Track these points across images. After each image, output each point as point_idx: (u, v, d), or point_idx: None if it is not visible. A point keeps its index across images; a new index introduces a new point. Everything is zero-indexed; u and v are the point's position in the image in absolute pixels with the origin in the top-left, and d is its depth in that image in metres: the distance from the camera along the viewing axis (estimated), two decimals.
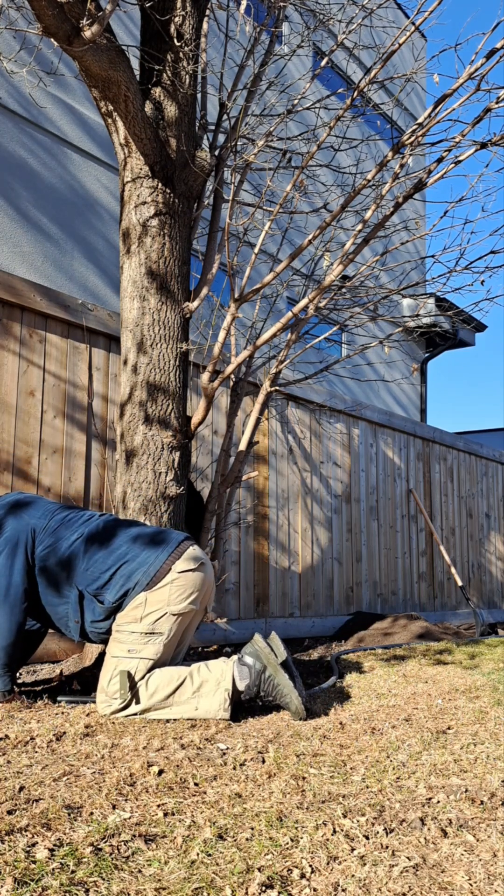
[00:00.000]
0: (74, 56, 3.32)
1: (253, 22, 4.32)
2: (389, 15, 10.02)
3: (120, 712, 2.70)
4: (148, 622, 2.75)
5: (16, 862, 1.42)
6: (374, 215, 4.35)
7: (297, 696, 2.72)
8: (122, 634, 2.76)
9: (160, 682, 2.71)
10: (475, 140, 3.60)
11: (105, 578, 2.80)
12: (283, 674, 2.72)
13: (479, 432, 19.81)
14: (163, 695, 2.70)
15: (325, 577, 6.07)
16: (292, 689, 2.72)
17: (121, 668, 2.71)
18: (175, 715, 2.71)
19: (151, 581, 2.77)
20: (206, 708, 2.69)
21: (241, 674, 2.71)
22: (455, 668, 4.12)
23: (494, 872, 1.49)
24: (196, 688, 2.70)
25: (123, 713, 2.70)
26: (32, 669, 3.60)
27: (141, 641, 2.73)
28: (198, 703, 2.69)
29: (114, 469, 4.11)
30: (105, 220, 7.49)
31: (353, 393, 10.47)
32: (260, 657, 2.74)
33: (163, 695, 2.70)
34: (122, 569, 2.80)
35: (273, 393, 4.80)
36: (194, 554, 2.87)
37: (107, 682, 2.73)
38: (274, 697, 2.74)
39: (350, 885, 1.41)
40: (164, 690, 2.70)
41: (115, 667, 2.73)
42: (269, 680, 2.72)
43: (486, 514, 8.82)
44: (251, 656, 2.75)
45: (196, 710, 2.69)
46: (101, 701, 2.74)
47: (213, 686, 2.70)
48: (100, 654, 3.70)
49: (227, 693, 2.68)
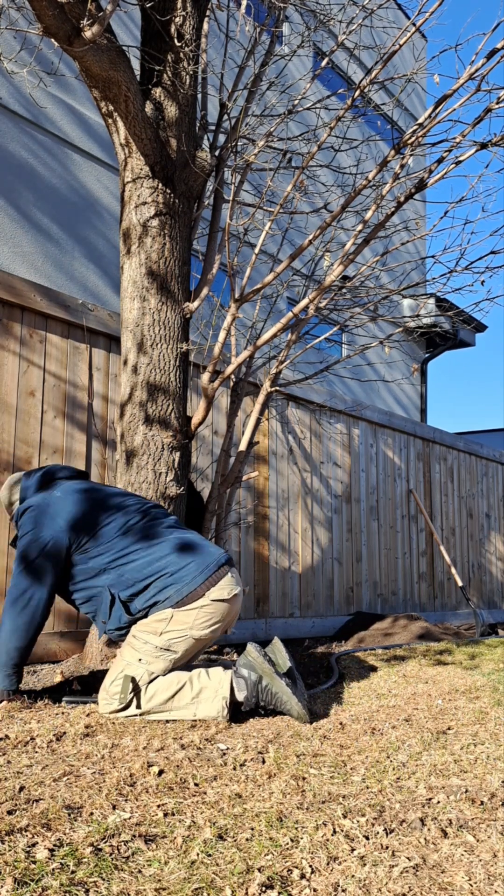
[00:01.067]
0: (75, 56, 3.33)
1: (253, 22, 4.32)
2: (390, 15, 10.03)
3: (119, 712, 2.71)
4: (166, 638, 2.74)
5: (16, 862, 1.42)
6: (374, 216, 4.35)
7: (298, 702, 2.71)
8: (137, 642, 2.76)
9: (160, 686, 2.71)
10: (475, 140, 3.61)
11: (139, 588, 2.79)
12: (279, 681, 2.71)
13: (480, 432, 19.82)
14: (162, 699, 2.70)
15: (325, 578, 6.07)
16: (291, 696, 2.71)
17: (127, 672, 2.71)
18: (174, 717, 2.71)
19: (182, 601, 2.75)
20: (204, 714, 2.70)
21: (238, 685, 2.70)
22: (455, 668, 4.12)
23: (494, 873, 1.49)
24: (195, 693, 2.70)
25: (123, 714, 2.70)
26: (32, 669, 3.60)
27: (154, 654, 2.73)
28: (196, 708, 2.69)
29: (114, 469, 4.11)
30: (106, 220, 7.49)
31: (354, 393, 10.47)
32: (255, 668, 2.73)
33: (162, 699, 2.70)
34: (158, 581, 2.78)
35: (273, 393, 4.80)
36: (230, 583, 2.84)
37: (110, 682, 2.73)
38: (275, 706, 2.74)
39: (350, 886, 1.41)
40: (164, 694, 2.70)
41: (121, 670, 2.73)
42: (267, 689, 2.71)
43: (486, 515, 8.82)
44: (246, 667, 2.74)
45: (194, 715, 2.69)
46: (102, 698, 2.74)
47: (212, 693, 2.70)
48: (102, 656, 3.70)
49: (224, 701, 2.68)
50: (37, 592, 2.77)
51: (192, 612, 2.75)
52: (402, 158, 3.72)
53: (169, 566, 2.79)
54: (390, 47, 3.56)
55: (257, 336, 4.21)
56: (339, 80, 10.32)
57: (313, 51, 8.60)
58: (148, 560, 2.81)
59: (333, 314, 5.22)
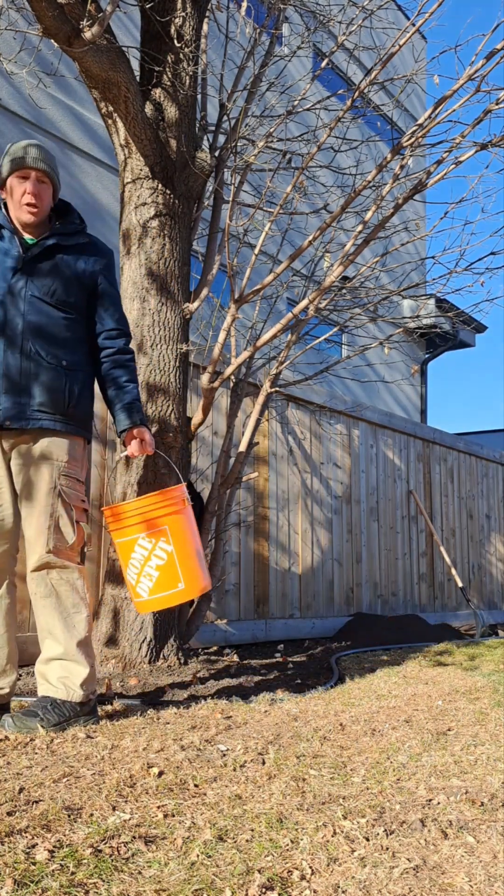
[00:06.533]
0: (75, 57, 3.33)
1: (253, 23, 4.32)
2: (389, 16, 10.03)
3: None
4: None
5: (16, 863, 1.42)
6: (374, 216, 4.35)
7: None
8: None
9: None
10: (475, 141, 3.61)
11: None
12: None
13: (480, 433, 19.82)
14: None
15: (325, 578, 6.06)
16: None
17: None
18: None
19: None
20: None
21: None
22: (455, 669, 4.11)
23: (495, 874, 1.48)
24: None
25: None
26: (32, 671, 3.60)
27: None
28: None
29: (114, 470, 4.11)
30: (106, 220, 7.49)
31: (354, 394, 10.47)
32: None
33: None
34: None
35: (273, 394, 4.80)
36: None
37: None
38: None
39: (350, 887, 1.41)
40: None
41: None
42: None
43: (486, 515, 8.81)
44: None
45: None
46: None
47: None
48: (102, 657, 3.70)
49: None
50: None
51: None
52: (402, 159, 3.72)
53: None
54: (390, 48, 3.56)
55: (257, 337, 4.21)
56: (338, 81, 10.32)
57: (313, 51, 8.61)
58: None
59: (333, 315, 5.22)
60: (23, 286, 2.58)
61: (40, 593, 2.57)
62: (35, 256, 2.61)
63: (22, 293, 2.57)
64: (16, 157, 2.62)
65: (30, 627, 3.76)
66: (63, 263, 2.66)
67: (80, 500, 2.66)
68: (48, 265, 2.63)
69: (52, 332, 2.61)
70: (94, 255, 2.75)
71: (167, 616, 3.78)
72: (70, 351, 2.66)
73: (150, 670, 3.62)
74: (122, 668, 3.64)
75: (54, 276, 2.63)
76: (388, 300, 4.92)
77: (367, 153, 5.24)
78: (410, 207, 9.53)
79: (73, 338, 2.67)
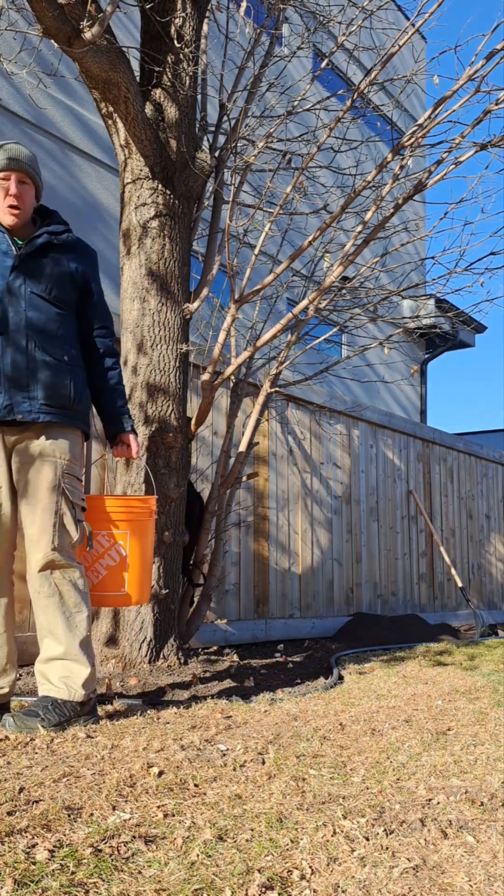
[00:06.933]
0: (75, 57, 3.33)
1: (253, 23, 4.33)
2: (389, 17, 10.04)
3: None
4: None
5: (16, 863, 1.42)
6: (374, 216, 4.35)
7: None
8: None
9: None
10: (475, 141, 3.61)
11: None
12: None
13: (480, 433, 19.82)
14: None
15: (325, 578, 6.06)
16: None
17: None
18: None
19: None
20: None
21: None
22: (455, 669, 4.12)
23: (494, 874, 1.49)
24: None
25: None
26: (32, 671, 3.60)
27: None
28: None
29: (114, 470, 4.11)
30: (106, 221, 7.49)
31: (354, 394, 10.47)
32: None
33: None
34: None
35: (273, 394, 4.80)
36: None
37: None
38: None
39: (350, 887, 1.41)
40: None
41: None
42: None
43: (486, 516, 8.81)
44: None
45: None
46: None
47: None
48: (102, 657, 3.70)
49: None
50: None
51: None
52: (402, 159, 3.72)
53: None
54: (390, 48, 3.56)
55: (257, 337, 4.21)
56: (338, 81, 10.32)
57: (313, 52, 8.61)
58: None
59: (333, 315, 5.22)
60: (21, 283, 2.59)
61: (44, 593, 2.57)
62: (30, 254, 2.62)
63: (21, 290, 2.59)
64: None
65: (30, 627, 3.76)
66: (56, 261, 2.68)
67: (80, 499, 2.67)
68: (44, 262, 2.65)
69: (51, 328, 2.63)
70: (83, 253, 2.79)
71: (167, 616, 3.79)
72: (69, 347, 2.69)
73: (150, 670, 3.62)
74: (122, 668, 3.64)
75: (50, 273, 2.65)
76: (387, 300, 4.92)
77: (367, 153, 5.24)
78: (410, 208, 9.53)
79: (68, 334, 2.71)
